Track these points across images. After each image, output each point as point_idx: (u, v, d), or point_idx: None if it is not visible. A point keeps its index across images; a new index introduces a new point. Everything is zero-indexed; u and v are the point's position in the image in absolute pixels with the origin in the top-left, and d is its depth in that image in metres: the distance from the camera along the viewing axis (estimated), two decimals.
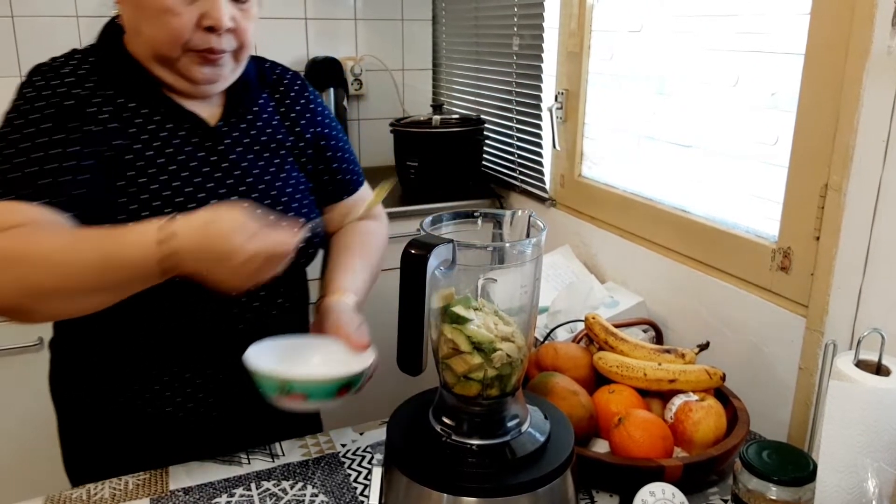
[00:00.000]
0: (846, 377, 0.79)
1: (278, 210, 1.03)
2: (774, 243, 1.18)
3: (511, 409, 0.78)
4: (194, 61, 0.95)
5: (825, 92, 1.05)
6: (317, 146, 1.14)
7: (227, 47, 0.96)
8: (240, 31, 0.96)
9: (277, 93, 1.12)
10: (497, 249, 0.77)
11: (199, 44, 0.93)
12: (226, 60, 0.97)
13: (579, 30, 1.68)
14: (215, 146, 1.01)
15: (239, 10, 0.96)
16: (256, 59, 1.12)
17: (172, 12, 0.90)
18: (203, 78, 0.97)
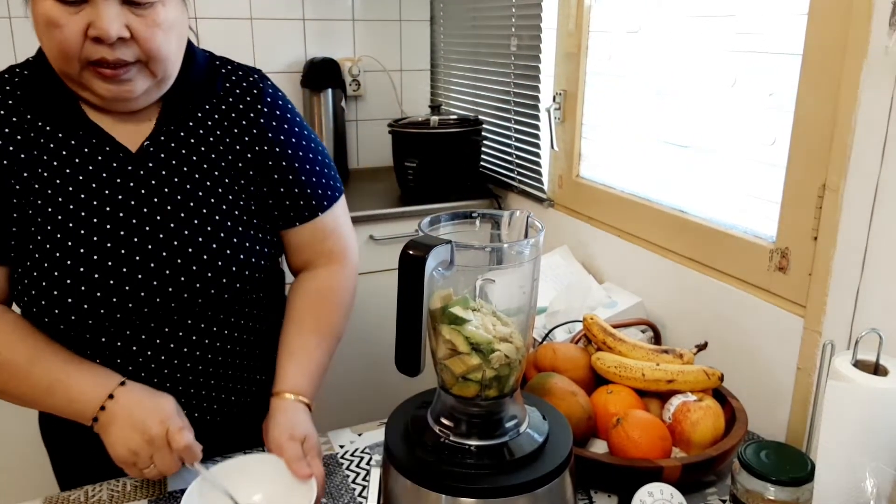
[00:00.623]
0: (844, 377, 0.79)
1: (204, 237, 0.95)
2: (772, 243, 1.18)
3: (509, 410, 0.78)
4: (94, 76, 0.87)
5: (823, 92, 1.05)
6: (261, 166, 1.02)
7: (126, 58, 0.86)
8: (141, 40, 0.86)
9: (225, 104, 1.01)
10: (495, 250, 0.77)
11: (90, 55, 0.85)
12: (132, 75, 0.88)
13: (577, 30, 1.68)
14: (135, 171, 0.94)
15: (136, 17, 0.85)
16: (215, 64, 1.03)
17: (56, 24, 0.83)
18: (109, 95, 0.89)
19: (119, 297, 0.92)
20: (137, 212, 0.94)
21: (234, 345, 1.03)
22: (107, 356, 0.95)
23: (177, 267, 0.94)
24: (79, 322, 0.92)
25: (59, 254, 0.90)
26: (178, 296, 0.95)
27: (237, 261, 0.98)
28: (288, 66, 2.35)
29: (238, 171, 1.00)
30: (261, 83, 1.03)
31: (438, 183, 2.10)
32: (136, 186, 0.94)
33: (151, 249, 0.93)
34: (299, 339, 1.04)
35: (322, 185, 1.06)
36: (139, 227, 0.93)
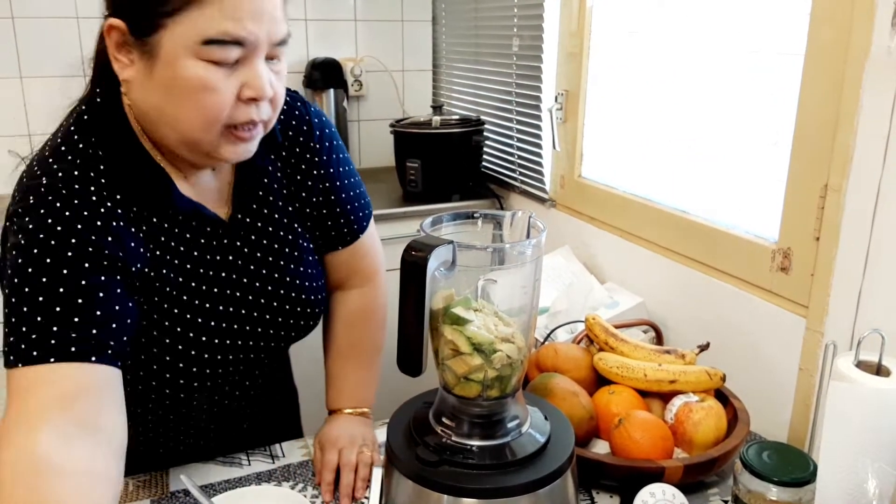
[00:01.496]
0: (846, 378, 0.79)
1: (286, 288, 0.98)
2: (774, 244, 1.18)
3: (511, 410, 0.78)
4: (227, 140, 0.81)
5: (825, 93, 1.05)
6: (325, 201, 1.02)
7: (265, 117, 0.82)
8: (276, 96, 0.82)
9: (284, 150, 0.98)
10: (497, 250, 0.77)
11: (238, 118, 0.79)
12: (257, 133, 0.83)
13: (579, 31, 1.68)
14: (232, 241, 0.94)
15: (274, 72, 0.81)
16: None
17: (212, 88, 0.76)
18: (233, 157, 0.83)
19: (224, 348, 0.93)
20: (237, 278, 0.94)
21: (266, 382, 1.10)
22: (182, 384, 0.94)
23: (274, 314, 0.97)
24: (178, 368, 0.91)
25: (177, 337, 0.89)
26: (269, 335, 0.98)
27: (317, 292, 1.02)
28: (290, 66, 2.33)
29: (300, 210, 1.00)
30: (307, 115, 1.00)
31: (440, 183, 2.10)
32: (234, 255, 0.94)
33: (256, 305, 0.95)
34: (344, 364, 1.11)
35: (360, 206, 1.07)
36: (242, 288, 0.94)
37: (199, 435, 1.06)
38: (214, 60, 0.75)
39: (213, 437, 1.07)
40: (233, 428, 1.09)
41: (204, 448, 1.07)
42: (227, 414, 1.07)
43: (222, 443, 1.08)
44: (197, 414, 1.03)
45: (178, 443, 1.05)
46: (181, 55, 0.74)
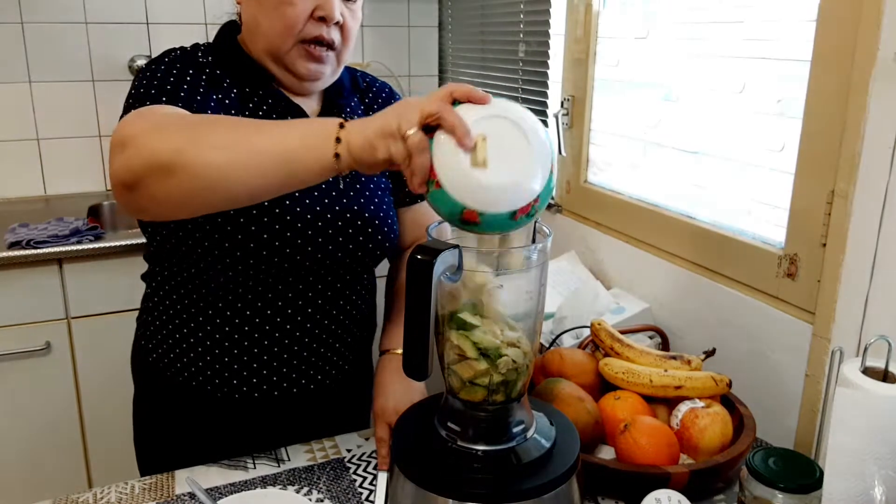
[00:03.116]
0: (853, 384, 0.79)
1: (363, 204, 1.07)
2: (781, 250, 1.17)
3: (516, 415, 0.78)
4: (301, 55, 1.01)
5: (832, 98, 1.05)
6: None
7: (334, 38, 1.01)
8: (346, 27, 1.02)
9: (367, 97, 1.18)
10: (503, 255, 0.77)
11: (310, 32, 0.99)
12: (329, 58, 1.03)
13: (585, 36, 1.68)
14: None
15: (348, 9, 1.03)
16: (349, 68, 1.17)
17: (290, 3, 0.97)
18: (307, 73, 1.02)
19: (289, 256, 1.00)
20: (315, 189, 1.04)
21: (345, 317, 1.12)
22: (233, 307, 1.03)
23: (342, 226, 1.04)
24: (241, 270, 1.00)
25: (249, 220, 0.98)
26: (336, 251, 1.04)
27: (385, 226, 1.10)
28: None
29: None
30: (388, 87, 1.22)
31: None
32: None
33: (327, 210, 1.04)
34: (401, 302, 1.12)
35: None
36: (320, 197, 1.03)
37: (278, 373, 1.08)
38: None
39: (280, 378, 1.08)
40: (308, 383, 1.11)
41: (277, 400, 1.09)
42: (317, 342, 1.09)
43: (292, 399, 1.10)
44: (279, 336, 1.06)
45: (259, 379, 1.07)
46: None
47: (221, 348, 1.06)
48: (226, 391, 1.07)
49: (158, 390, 1.12)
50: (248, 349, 1.06)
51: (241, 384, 1.07)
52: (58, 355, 1.84)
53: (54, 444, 1.88)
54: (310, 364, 1.10)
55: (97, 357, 1.88)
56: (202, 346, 1.06)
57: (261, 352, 1.06)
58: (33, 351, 1.79)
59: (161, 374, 1.10)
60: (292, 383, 1.09)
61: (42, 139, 2.19)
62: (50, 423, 1.87)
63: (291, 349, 1.07)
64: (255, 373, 1.07)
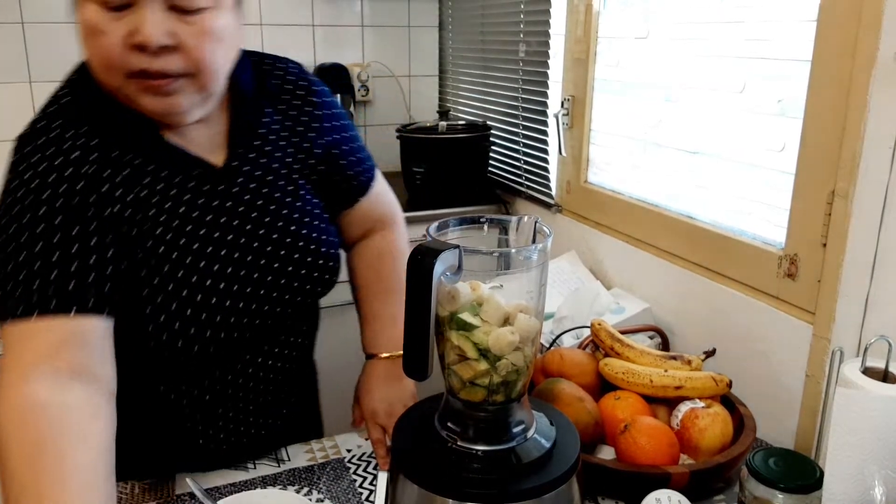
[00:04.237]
0: (853, 384, 0.79)
1: (292, 241, 0.96)
2: (781, 250, 1.17)
3: (517, 415, 0.78)
4: (139, 89, 0.80)
5: (832, 98, 1.05)
6: (328, 155, 1.03)
7: (170, 68, 0.79)
8: (187, 49, 0.79)
9: (282, 103, 0.99)
10: (503, 255, 0.77)
11: (130, 65, 0.78)
12: (179, 87, 0.81)
13: (585, 36, 1.68)
14: (227, 189, 0.92)
15: (185, 24, 0.78)
16: (253, 61, 0.98)
17: (99, 31, 0.77)
18: (154, 110, 0.82)
19: (229, 314, 0.90)
20: (229, 226, 0.91)
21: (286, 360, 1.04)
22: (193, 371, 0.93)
23: (280, 270, 0.95)
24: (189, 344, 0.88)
25: (176, 287, 0.86)
26: (281, 298, 0.96)
27: (327, 246, 1.00)
28: None
29: (310, 168, 1.01)
30: (302, 74, 1.03)
31: (446, 188, 2.10)
32: (231, 204, 0.92)
33: (252, 261, 0.92)
34: (374, 301, 1.11)
35: (366, 155, 1.11)
36: (241, 239, 0.92)
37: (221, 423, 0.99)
38: (101, 2, 0.77)
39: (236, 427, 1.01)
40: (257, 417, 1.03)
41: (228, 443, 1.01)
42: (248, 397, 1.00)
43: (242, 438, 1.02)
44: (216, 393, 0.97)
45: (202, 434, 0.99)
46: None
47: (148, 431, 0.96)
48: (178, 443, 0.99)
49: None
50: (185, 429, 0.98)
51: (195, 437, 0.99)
52: None
53: None
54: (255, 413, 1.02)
55: None
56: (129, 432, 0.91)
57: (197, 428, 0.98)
58: None
59: None
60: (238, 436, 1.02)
61: None
62: None
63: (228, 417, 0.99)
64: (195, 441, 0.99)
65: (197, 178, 0.90)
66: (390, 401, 1.05)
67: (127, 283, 0.84)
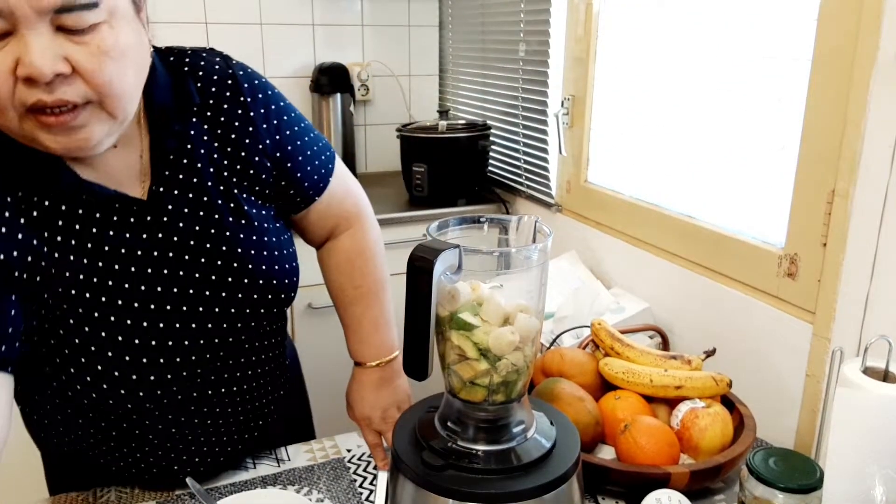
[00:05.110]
0: (853, 384, 0.79)
1: (239, 266, 0.87)
2: (781, 250, 1.17)
3: (517, 415, 0.78)
4: (36, 126, 0.69)
5: (832, 98, 1.05)
6: (272, 161, 0.91)
7: (70, 98, 0.68)
8: (85, 73, 0.68)
9: (208, 109, 0.87)
10: (503, 255, 0.77)
11: (24, 99, 0.67)
12: (84, 119, 0.70)
13: (586, 35, 1.68)
14: (154, 220, 0.83)
15: (77, 45, 0.67)
16: (170, 66, 0.86)
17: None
18: (63, 149, 0.72)
19: (174, 352, 0.85)
20: (169, 259, 0.84)
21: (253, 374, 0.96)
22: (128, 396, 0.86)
23: (223, 296, 0.87)
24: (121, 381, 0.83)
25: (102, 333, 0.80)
26: (232, 326, 0.88)
27: (272, 282, 0.90)
28: (297, 71, 2.36)
29: (250, 180, 0.90)
30: (229, 69, 0.89)
31: (446, 187, 2.10)
32: (161, 235, 0.84)
33: (194, 294, 0.85)
34: (353, 308, 1.07)
35: (318, 152, 0.98)
36: (174, 273, 0.84)
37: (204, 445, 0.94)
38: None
39: (220, 448, 0.96)
40: (238, 434, 0.98)
41: (218, 456, 0.97)
42: (226, 418, 0.95)
43: (231, 453, 0.98)
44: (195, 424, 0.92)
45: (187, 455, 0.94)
46: None
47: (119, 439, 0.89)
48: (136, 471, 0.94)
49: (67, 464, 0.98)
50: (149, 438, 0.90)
51: (152, 466, 0.93)
52: None
53: None
54: (230, 434, 0.97)
55: None
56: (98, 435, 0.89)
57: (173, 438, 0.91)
58: None
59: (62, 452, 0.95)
60: (215, 455, 0.96)
61: None
62: None
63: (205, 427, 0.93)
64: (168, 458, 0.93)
65: (119, 213, 0.81)
66: (384, 406, 1.05)
67: (49, 335, 0.78)
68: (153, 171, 0.83)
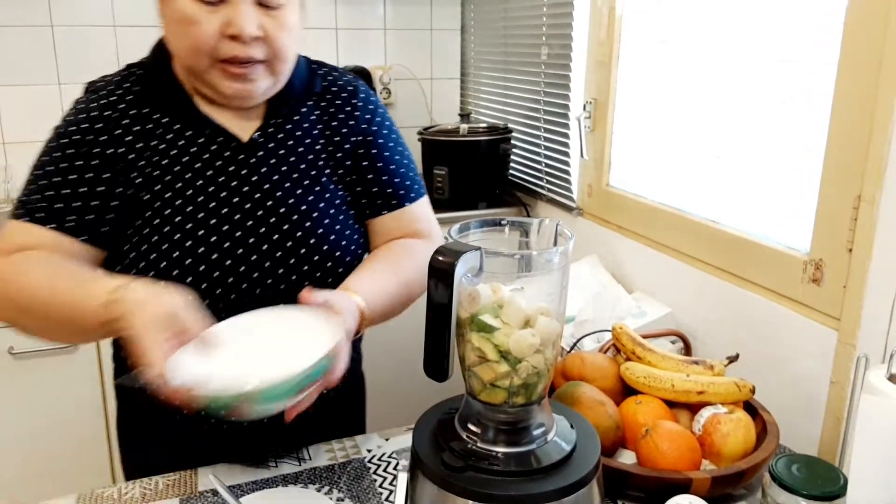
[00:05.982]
0: (878, 391, 0.78)
1: (307, 229, 1.00)
2: (806, 255, 1.16)
3: (537, 418, 0.78)
4: (222, 74, 0.92)
5: (859, 102, 1.04)
6: (355, 155, 1.07)
7: (256, 56, 0.91)
8: (270, 39, 0.92)
9: (324, 101, 1.07)
10: (524, 257, 0.77)
11: (224, 53, 0.90)
12: (257, 74, 0.93)
13: (608, 39, 1.68)
14: (246, 161, 0.99)
15: (269, 18, 0.91)
16: (311, 65, 1.09)
17: (194, 21, 0.88)
18: (232, 92, 0.94)
19: (225, 277, 0.95)
20: (248, 198, 0.98)
21: None
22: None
23: (284, 252, 0.98)
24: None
25: (174, 236, 0.94)
26: (280, 280, 0.98)
27: (338, 247, 1.02)
28: None
29: (337, 162, 1.05)
30: (354, 82, 1.12)
31: (467, 190, 2.11)
32: (247, 174, 0.99)
33: (262, 234, 0.98)
34: (370, 265, 1.03)
35: (409, 178, 1.11)
36: (250, 211, 0.98)
37: None
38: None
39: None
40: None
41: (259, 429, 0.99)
42: None
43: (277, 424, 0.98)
44: None
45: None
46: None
47: None
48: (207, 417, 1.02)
49: (142, 409, 1.06)
50: None
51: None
52: (84, 353, 1.87)
53: (79, 440, 1.91)
54: None
55: None
56: None
57: None
58: (60, 349, 1.82)
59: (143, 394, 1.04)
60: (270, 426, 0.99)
61: None
62: (75, 419, 1.90)
63: None
64: None
65: (219, 145, 0.98)
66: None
67: (124, 220, 0.94)
68: (261, 125, 1.01)
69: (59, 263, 0.90)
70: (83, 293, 0.84)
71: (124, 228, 0.95)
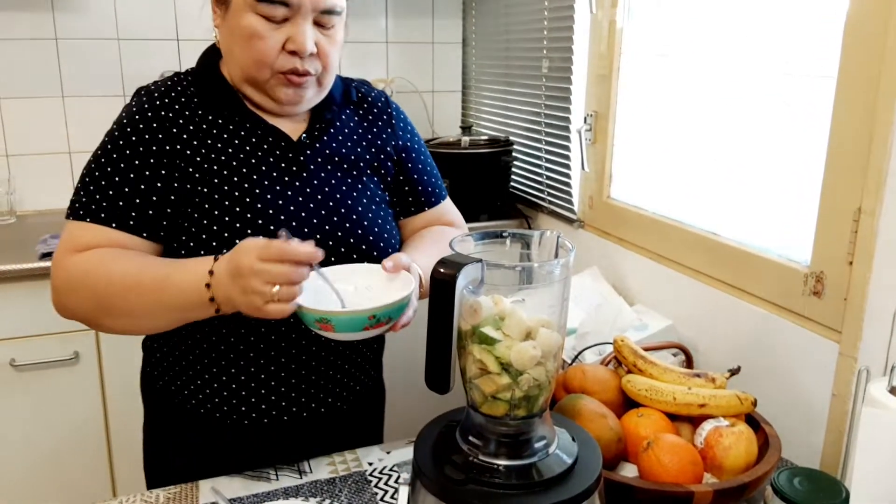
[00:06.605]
0: (880, 404, 0.78)
1: (354, 221, 1.06)
2: (807, 268, 1.16)
3: (538, 431, 0.78)
4: (280, 83, 1.00)
5: (858, 114, 1.04)
6: (398, 158, 1.16)
7: (311, 69, 1.00)
8: (323, 54, 1.00)
9: (361, 109, 1.16)
10: (525, 269, 0.77)
11: (284, 66, 0.98)
12: (309, 83, 1.02)
13: (609, 52, 1.69)
14: (296, 158, 1.05)
15: (323, 35, 1.00)
16: (343, 78, 1.17)
17: (260, 36, 0.96)
18: (287, 99, 1.02)
19: None
20: (301, 191, 1.04)
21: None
22: (241, 333, 1.03)
23: (335, 242, 1.04)
24: None
25: (233, 227, 0.99)
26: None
27: (381, 239, 1.08)
28: None
29: (380, 164, 1.14)
30: (384, 96, 1.21)
31: (469, 203, 2.11)
32: (297, 170, 1.05)
33: (314, 224, 1.03)
34: (417, 243, 1.15)
35: (435, 179, 1.23)
36: (303, 204, 1.04)
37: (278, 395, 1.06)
38: (265, 15, 0.96)
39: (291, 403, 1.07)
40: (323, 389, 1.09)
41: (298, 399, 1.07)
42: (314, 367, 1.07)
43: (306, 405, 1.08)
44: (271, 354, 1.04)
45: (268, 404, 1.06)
46: (242, 9, 0.96)
47: (227, 375, 1.05)
48: (235, 417, 1.06)
49: (168, 416, 1.11)
50: (254, 375, 1.05)
51: (250, 410, 1.06)
52: (86, 365, 1.87)
53: (80, 452, 1.91)
54: (319, 387, 1.09)
55: (124, 367, 1.90)
56: (208, 373, 1.05)
57: (268, 377, 1.05)
58: (62, 361, 1.82)
59: (170, 401, 1.09)
60: (302, 407, 1.08)
61: (74, 152, 2.24)
62: (76, 431, 1.89)
63: (299, 373, 1.06)
64: (264, 398, 1.06)
65: (272, 143, 1.05)
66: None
67: (182, 215, 0.99)
68: (308, 127, 1.09)
69: (137, 255, 0.97)
70: (181, 269, 0.92)
71: (183, 223, 0.99)
